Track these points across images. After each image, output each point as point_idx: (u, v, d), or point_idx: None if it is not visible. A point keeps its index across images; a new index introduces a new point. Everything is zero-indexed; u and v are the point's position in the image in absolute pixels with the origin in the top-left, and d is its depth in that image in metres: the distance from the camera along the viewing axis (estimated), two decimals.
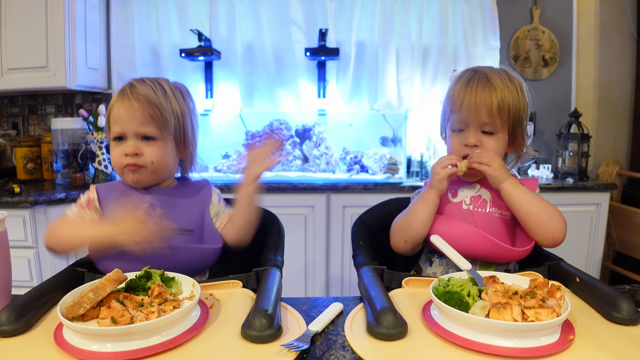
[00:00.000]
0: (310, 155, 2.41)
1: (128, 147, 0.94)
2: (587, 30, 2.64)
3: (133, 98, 0.94)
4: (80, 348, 0.60)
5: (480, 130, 0.95)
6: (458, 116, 0.96)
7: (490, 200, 0.98)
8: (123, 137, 0.95)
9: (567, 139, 2.43)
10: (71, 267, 0.86)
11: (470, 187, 1.01)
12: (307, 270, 2.24)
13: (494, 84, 0.94)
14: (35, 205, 1.89)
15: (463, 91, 0.95)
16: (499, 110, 0.93)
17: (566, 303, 0.65)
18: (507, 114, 0.94)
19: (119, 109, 0.95)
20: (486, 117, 0.93)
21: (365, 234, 1.08)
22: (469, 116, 0.94)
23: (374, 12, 2.48)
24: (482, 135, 0.95)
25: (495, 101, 0.93)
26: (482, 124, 0.95)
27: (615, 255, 2.58)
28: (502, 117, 0.94)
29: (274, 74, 2.56)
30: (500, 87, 0.94)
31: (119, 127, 0.95)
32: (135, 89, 0.95)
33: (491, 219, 0.96)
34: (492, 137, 0.95)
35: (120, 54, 2.52)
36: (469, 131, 0.96)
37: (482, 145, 0.95)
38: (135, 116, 0.94)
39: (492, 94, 0.93)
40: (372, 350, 0.61)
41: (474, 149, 0.95)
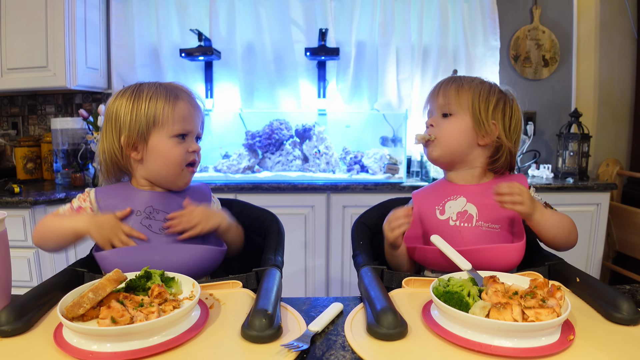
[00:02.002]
0: (310, 155, 2.41)
1: (194, 145, 0.97)
2: (588, 30, 2.64)
3: (194, 101, 0.99)
4: (80, 348, 0.60)
5: (440, 114, 1.01)
6: (427, 107, 1.05)
7: (477, 215, 0.97)
8: (185, 136, 0.96)
9: (567, 139, 2.43)
10: (71, 267, 0.86)
11: (456, 200, 1.00)
12: (307, 270, 2.24)
13: (461, 78, 1.02)
14: (35, 205, 1.89)
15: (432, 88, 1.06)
16: (456, 93, 0.99)
17: (566, 303, 0.65)
18: (466, 100, 0.98)
19: (187, 108, 0.96)
20: (442, 99, 1.00)
21: (365, 234, 1.08)
22: (431, 103, 1.03)
23: (374, 12, 2.48)
24: (441, 119, 1.01)
25: (454, 85, 1.00)
26: (440, 107, 1.01)
27: (615, 255, 2.58)
28: (460, 100, 0.98)
29: (274, 74, 2.56)
30: (464, 80, 1.01)
31: (188, 125, 0.96)
32: (191, 93, 0.99)
33: (479, 233, 0.96)
34: (449, 118, 1.00)
35: (120, 54, 2.52)
36: (432, 117, 1.03)
37: (437, 125, 1.01)
38: (199, 117, 0.99)
39: (453, 81, 1.01)
40: (372, 350, 0.61)
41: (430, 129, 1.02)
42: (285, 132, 2.45)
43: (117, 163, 0.97)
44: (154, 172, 0.96)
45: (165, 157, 0.95)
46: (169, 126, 0.94)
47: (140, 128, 0.93)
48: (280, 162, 2.42)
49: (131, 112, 0.93)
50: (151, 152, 0.95)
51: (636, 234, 2.34)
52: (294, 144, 2.44)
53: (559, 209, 0.96)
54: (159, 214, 0.95)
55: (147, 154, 0.95)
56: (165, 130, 0.94)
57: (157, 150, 0.94)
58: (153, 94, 0.94)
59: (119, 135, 0.94)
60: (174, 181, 0.98)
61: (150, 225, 0.94)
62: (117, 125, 0.94)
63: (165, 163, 0.95)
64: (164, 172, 0.96)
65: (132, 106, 0.93)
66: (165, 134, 0.94)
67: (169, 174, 0.96)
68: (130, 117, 0.93)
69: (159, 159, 0.95)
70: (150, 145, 0.94)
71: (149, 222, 0.94)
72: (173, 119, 0.94)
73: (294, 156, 2.42)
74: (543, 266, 0.88)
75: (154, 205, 0.96)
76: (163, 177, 0.97)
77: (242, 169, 2.36)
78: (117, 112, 0.94)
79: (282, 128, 2.44)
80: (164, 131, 0.94)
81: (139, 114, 0.93)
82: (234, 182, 2.17)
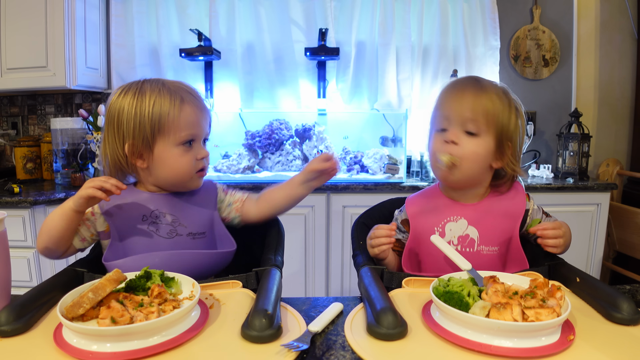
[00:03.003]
0: (310, 155, 2.41)
1: (203, 151, 0.95)
2: (588, 30, 2.64)
3: (202, 102, 0.94)
4: (80, 348, 0.59)
5: (462, 129, 0.91)
6: (442, 112, 0.93)
7: (478, 239, 0.95)
8: (192, 142, 0.92)
9: (568, 139, 2.43)
10: (71, 267, 0.85)
11: (457, 222, 0.96)
12: (307, 270, 2.24)
13: (485, 87, 0.91)
14: (34, 205, 1.89)
15: (450, 88, 0.94)
16: (485, 110, 0.89)
17: (566, 303, 0.65)
18: (493, 118, 0.89)
19: (194, 112, 0.91)
20: (469, 112, 0.89)
21: (365, 234, 1.07)
22: (452, 111, 0.91)
23: (374, 12, 2.48)
24: (464, 135, 0.91)
25: (483, 100, 0.89)
26: (465, 121, 0.90)
27: (615, 255, 2.58)
28: (487, 119, 0.89)
29: (273, 74, 2.56)
30: (489, 91, 0.91)
31: (195, 129, 0.92)
32: (195, 93, 0.94)
33: (479, 257, 0.94)
34: (474, 138, 0.90)
35: (120, 54, 2.52)
36: (452, 129, 0.91)
37: (461, 144, 0.90)
38: (206, 119, 0.95)
39: (480, 92, 0.90)
40: (372, 350, 0.61)
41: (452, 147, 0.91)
42: (285, 132, 2.45)
43: (121, 169, 0.94)
44: (162, 180, 0.94)
45: (172, 167, 0.91)
46: (175, 133, 0.89)
47: (144, 136, 0.89)
48: (280, 162, 2.42)
49: (134, 118, 0.88)
50: (157, 161, 0.91)
51: (636, 234, 2.34)
52: (294, 144, 2.44)
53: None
54: (165, 217, 0.93)
55: (153, 162, 0.91)
56: (172, 138, 0.90)
57: (164, 159, 0.90)
58: (157, 97, 0.89)
59: (123, 142, 0.90)
60: (184, 187, 0.96)
61: (157, 230, 0.92)
62: (120, 131, 0.90)
63: (172, 173, 0.92)
64: (172, 180, 0.94)
65: (135, 111, 0.88)
66: (171, 142, 0.90)
67: (178, 182, 0.94)
68: (134, 123, 0.88)
69: (166, 169, 0.91)
70: (156, 154, 0.90)
71: (156, 226, 0.92)
72: (179, 125, 0.89)
73: (294, 156, 2.42)
74: (543, 266, 0.88)
75: (159, 209, 0.94)
76: (172, 185, 0.95)
77: (242, 169, 2.36)
78: (120, 117, 0.89)
79: (282, 128, 2.44)
80: (169, 139, 0.90)
81: (142, 120, 0.88)
82: (233, 182, 2.17)
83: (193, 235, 0.95)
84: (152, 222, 0.92)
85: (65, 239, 0.91)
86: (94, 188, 0.83)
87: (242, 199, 1.05)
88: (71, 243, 0.93)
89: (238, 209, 1.04)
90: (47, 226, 0.89)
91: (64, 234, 0.89)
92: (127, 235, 0.92)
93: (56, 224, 0.88)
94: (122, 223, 0.92)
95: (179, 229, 0.94)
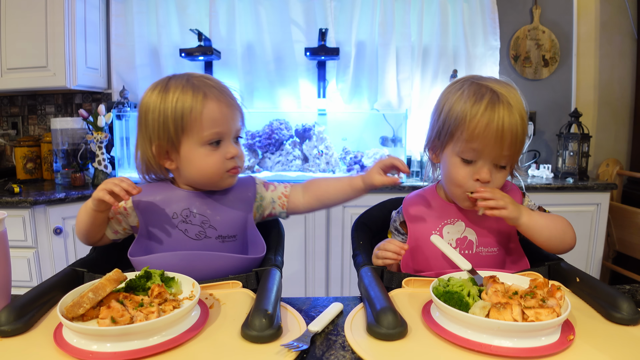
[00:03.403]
0: (310, 155, 2.41)
1: (232, 149, 0.89)
2: (587, 30, 2.64)
3: (229, 97, 0.89)
4: (80, 348, 0.60)
5: (494, 163, 0.87)
6: (476, 146, 0.85)
7: (476, 241, 0.94)
8: (219, 141, 0.88)
9: (567, 139, 2.43)
10: (71, 267, 0.85)
11: (454, 225, 0.96)
12: (307, 270, 2.24)
13: (516, 110, 0.84)
14: (34, 205, 1.89)
15: (486, 122, 0.83)
16: (518, 146, 0.85)
17: (566, 303, 0.65)
18: (522, 144, 0.87)
19: (218, 108, 0.86)
20: (507, 151, 0.85)
21: (365, 234, 1.08)
22: (490, 151, 0.84)
23: (374, 12, 2.48)
24: (494, 169, 0.88)
25: (519, 135, 0.84)
26: (499, 157, 0.86)
27: (615, 255, 2.58)
28: (520, 149, 0.87)
29: (273, 74, 2.56)
30: (521, 115, 0.85)
31: (221, 127, 0.87)
32: (222, 88, 0.89)
33: (479, 259, 0.94)
34: (503, 171, 0.89)
35: (120, 54, 2.52)
36: (484, 165, 0.87)
37: (492, 180, 0.87)
38: (234, 115, 0.89)
39: (517, 124, 0.83)
40: (372, 350, 0.61)
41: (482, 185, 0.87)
42: (285, 132, 2.45)
43: (152, 169, 0.93)
44: (193, 180, 0.91)
45: (200, 168, 0.87)
46: (199, 132, 0.85)
47: (169, 136, 0.86)
48: (280, 162, 2.42)
49: (158, 118, 0.86)
50: (185, 162, 0.88)
51: (636, 234, 2.34)
52: (294, 144, 2.44)
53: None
54: (196, 218, 0.90)
55: (181, 163, 0.88)
56: (196, 137, 0.86)
57: (190, 160, 0.87)
58: (180, 94, 0.85)
59: (150, 143, 0.88)
60: (216, 186, 0.92)
61: (186, 230, 0.90)
62: (147, 131, 0.88)
63: (200, 173, 0.88)
64: (201, 181, 0.90)
65: (159, 109, 0.86)
66: (196, 142, 0.86)
67: (208, 182, 0.90)
68: (158, 123, 0.86)
69: (193, 170, 0.88)
70: (183, 154, 0.87)
71: (185, 226, 0.90)
72: (202, 124, 0.85)
73: (294, 156, 2.42)
74: (543, 266, 0.88)
75: (191, 208, 0.90)
76: (203, 185, 0.92)
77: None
78: (146, 115, 0.87)
79: (282, 128, 2.44)
80: (194, 138, 0.86)
81: (166, 120, 0.85)
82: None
83: (222, 238, 0.92)
84: (182, 221, 0.90)
85: (94, 233, 0.91)
86: (105, 191, 0.82)
87: (286, 193, 1.02)
88: (103, 234, 0.93)
89: (284, 205, 1.01)
90: (78, 219, 0.90)
91: (91, 228, 0.90)
92: (155, 232, 0.90)
93: (83, 218, 0.89)
94: (151, 219, 0.90)
95: (208, 231, 0.91)
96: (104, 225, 0.92)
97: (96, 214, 0.87)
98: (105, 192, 0.82)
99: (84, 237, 0.92)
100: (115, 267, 0.71)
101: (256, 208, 1.00)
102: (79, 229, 0.91)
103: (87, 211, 0.87)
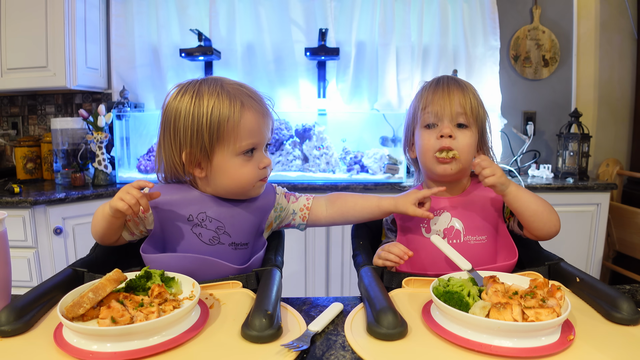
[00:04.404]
0: (310, 155, 2.41)
1: (265, 159, 0.89)
2: (587, 30, 2.64)
3: (264, 106, 0.88)
4: (80, 348, 0.60)
5: (454, 123, 0.96)
6: (431, 108, 0.97)
7: (463, 230, 0.96)
8: (254, 150, 0.87)
9: (567, 139, 2.43)
10: (71, 267, 0.85)
11: (440, 216, 0.98)
12: (307, 270, 2.24)
13: (463, 84, 0.99)
14: (35, 205, 1.89)
15: (434, 88, 0.99)
16: (471, 106, 0.96)
17: (566, 303, 0.65)
18: (477, 113, 0.97)
19: (255, 118, 0.85)
20: (460, 108, 0.96)
21: (365, 234, 1.08)
22: (443, 107, 0.96)
23: (374, 12, 2.48)
24: (456, 129, 0.97)
25: (468, 97, 0.97)
26: (456, 115, 0.96)
27: (615, 255, 2.58)
28: (472, 112, 0.96)
29: (274, 74, 2.56)
30: (469, 88, 0.99)
31: (257, 137, 0.86)
32: (258, 97, 0.89)
33: (467, 248, 0.95)
34: (466, 130, 0.97)
35: (120, 54, 2.52)
36: (443, 123, 0.96)
37: (457, 138, 0.96)
38: (268, 125, 0.89)
39: (463, 91, 0.97)
40: (372, 350, 0.61)
41: (449, 140, 0.95)
42: (285, 132, 2.45)
43: (177, 176, 0.91)
44: (222, 189, 0.89)
45: (234, 178, 0.86)
46: (235, 142, 0.84)
47: (202, 144, 0.84)
48: (280, 162, 2.42)
49: (192, 125, 0.83)
50: (217, 171, 0.86)
51: (636, 234, 2.34)
52: (294, 144, 2.44)
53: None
54: (211, 223, 0.89)
55: (212, 172, 0.87)
56: (231, 147, 0.84)
57: (224, 170, 0.86)
58: (215, 102, 0.83)
59: (180, 150, 0.86)
60: (245, 195, 0.91)
61: (200, 234, 0.88)
62: (177, 138, 0.85)
63: (234, 184, 0.87)
64: (233, 190, 0.89)
65: (193, 116, 0.83)
66: (231, 152, 0.85)
67: (239, 191, 0.89)
68: (191, 130, 0.83)
69: (226, 180, 0.87)
70: (215, 163, 0.86)
71: (200, 230, 0.88)
72: (239, 134, 0.84)
73: (294, 156, 2.42)
74: (543, 266, 0.88)
75: (207, 212, 0.89)
76: (234, 194, 0.90)
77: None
78: (176, 122, 0.85)
79: (282, 128, 2.44)
80: (229, 148, 0.84)
81: (200, 128, 0.83)
82: None
83: (235, 245, 0.90)
84: (197, 224, 0.88)
85: (110, 235, 0.90)
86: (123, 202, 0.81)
87: (308, 205, 1.00)
88: (119, 236, 0.92)
89: (305, 217, 1.00)
90: (94, 222, 0.89)
91: (107, 232, 0.89)
92: (169, 232, 0.89)
93: (99, 222, 0.88)
94: (167, 218, 0.89)
95: (222, 237, 0.89)
96: (120, 229, 0.91)
97: (113, 220, 0.86)
98: (123, 202, 0.81)
99: (100, 239, 0.91)
100: (115, 267, 0.71)
101: (275, 218, 0.99)
102: (95, 231, 0.90)
103: (104, 216, 0.86)
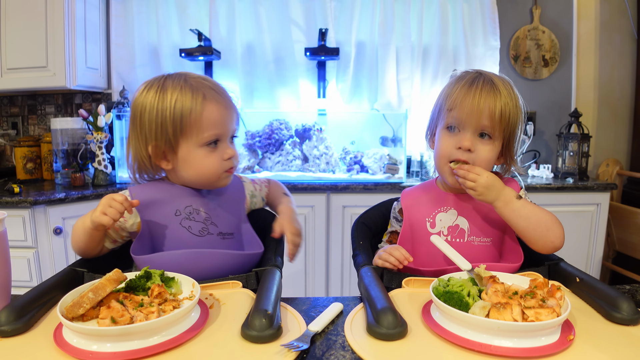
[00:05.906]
0: (310, 155, 2.41)
1: (229, 150, 0.90)
2: (587, 30, 2.64)
3: (226, 98, 0.90)
4: (80, 348, 0.60)
5: (477, 133, 0.91)
6: (457, 114, 0.90)
7: (468, 229, 0.95)
8: (217, 141, 0.89)
9: (567, 139, 2.43)
10: (71, 267, 0.85)
11: (447, 213, 0.97)
12: (307, 270, 2.24)
13: (499, 88, 0.90)
14: (34, 205, 1.89)
15: (466, 90, 0.90)
16: (500, 115, 0.88)
17: (566, 303, 0.65)
18: (507, 121, 0.90)
19: (217, 109, 0.87)
20: (487, 120, 0.89)
21: (365, 234, 1.08)
22: (470, 116, 0.89)
23: (374, 12, 2.48)
24: (478, 141, 0.91)
25: (499, 105, 0.88)
26: (481, 127, 0.90)
27: (615, 255, 2.58)
28: (502, 124, 0.90)
29: (273, 74, 2.56)
30: (504, 93, 0.90)
31: (220, 129, 0.88)
32: (220, 89, 0.90)
33: (470, 248, 0.94)
34: (488, 143, 0.91)
35: (120, 54, 2.52)
36: (465, 133, 0.91)
37: (476, 151, 0.90)
38: (231, 116, 0.90)
39: (496, 97, 0.89)
40: (372, 350, 0.61)
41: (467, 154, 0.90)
42: (285, 132, 2.45)
43: (145, 170, 0.93)
44: (189, 180, 0.91)
45: (198, 169, 0.89)
46: (198, 134, 0.86)
47: (167, 137, 0.86)
48: (280, 162, 2.42)
49: (156, 118, 0.85)
50: (182, 163, 0.88)
51: (636, 234, 2.35)
52: (294, 144, 2.44)
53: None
54: (198, 214, 0.91)
55: (177, 164, 0.89)
56: (195, 139, 0.86)
57: (188, 161, 0.88)
58: (178, 95, 0.85)
59: (146, 143, 0.88)
60: (212, 186, 0.94)
61: (190, 227, 0.90)
62: (143, 132, 0.87)
63: (199, 174, 0.89)
64: (198, 181, 0.91)
65: (157, 110, 0.85)
66: (194, 143, 0.87)
67: (205, 182, 0.92)
68: (156, 124, 0.86)
69: (191, 170, 0.89)
70: (180, 155, 0.88)
71: (189, 223, 0.90)
72: (201, 126, 0.86)
73: (293, 156, 2.42)
74: (543, 266, 0.88)
75: (193, 205, 0.91)
76: (199, 184, 0.92)
77: (242, 169, 2.36)
78: (142, 116, 0.87)
79: (282, 128, 2.44)
80: (192, 140, 0.86)
81: (164, 120, 0.85)
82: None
83: (223, 235, 0.93)
84: (185, 217, 0.90)
85: (92, 248, 0.90)
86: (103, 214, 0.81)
87: (266, 183, 1.10)
88: (101, 247, 0.92)
89: (267, 194, 1.09)
90: (74, 237, 0.89)
91: (89, 245, 0.89)
92: (157, 229, 0.90)
93: (80, 237, 0.88)
94: (154, 216, 0.89)
95: (211, 228, 0.92)
96: (103, 240, 0.91)
97: (95, 232, 0.86)
98: (103, 215, 0.81)
99: (82, 253, 0.91)
100: (115, 267, 0.71)
101: (251, 204, 1.06)
102: (77, 247, 0.89)
103: (85, 230, 0.86)
